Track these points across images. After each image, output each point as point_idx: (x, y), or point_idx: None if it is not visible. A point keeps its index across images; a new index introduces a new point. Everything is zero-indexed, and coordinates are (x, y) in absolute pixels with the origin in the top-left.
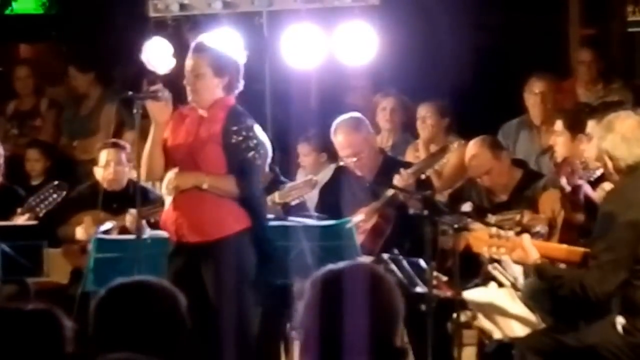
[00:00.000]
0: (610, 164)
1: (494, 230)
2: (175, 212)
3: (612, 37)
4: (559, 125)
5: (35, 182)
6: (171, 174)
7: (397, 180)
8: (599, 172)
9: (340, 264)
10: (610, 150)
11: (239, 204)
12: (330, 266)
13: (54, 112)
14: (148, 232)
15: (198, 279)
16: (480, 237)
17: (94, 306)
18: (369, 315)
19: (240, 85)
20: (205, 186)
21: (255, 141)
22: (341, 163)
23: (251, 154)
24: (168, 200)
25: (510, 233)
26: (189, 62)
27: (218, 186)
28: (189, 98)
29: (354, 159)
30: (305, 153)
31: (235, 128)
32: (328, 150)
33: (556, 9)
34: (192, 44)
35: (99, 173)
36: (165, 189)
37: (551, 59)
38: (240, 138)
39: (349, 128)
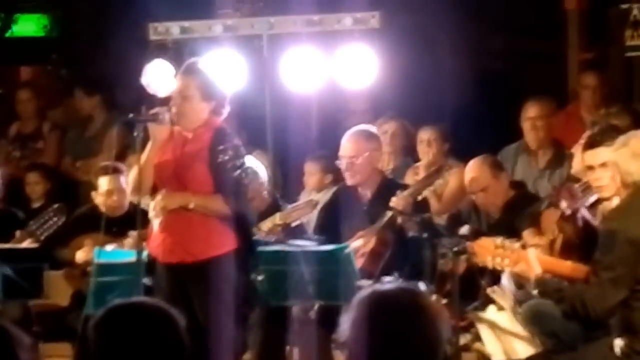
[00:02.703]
0: (618, 178)
1: (499, 240)
2: (163, 234)
3: (611, 62)
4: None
5: (35, 205)
6: (159, 196)
7: (394, 202)
8: (593, 198)
9: (388, 286)
10: (619, 163)
11: (226, 224)
12: (377, 286)
13: (56, 135)
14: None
15: (187, 300)
16: (485, 246)
17: (92, 326)
18: (411, 341)
19: (226, 112)
20: (192, 206)
21: (241, 160)
22: (338, 164)
23: (238, 172)
24: (155, 223)
25: (516, 245)
26: (177, 83)
27: (205, 205)
28: (175, 120)
29: (347, 162)
30: (311, 172)
31: (221, 147)
32: (334, 172)
33: (555, 33)
34: (183, 65)
35: (99, 199)
36: (152, 211)
37: (550, 83)
38: (227, 157)
39: (361, 135)
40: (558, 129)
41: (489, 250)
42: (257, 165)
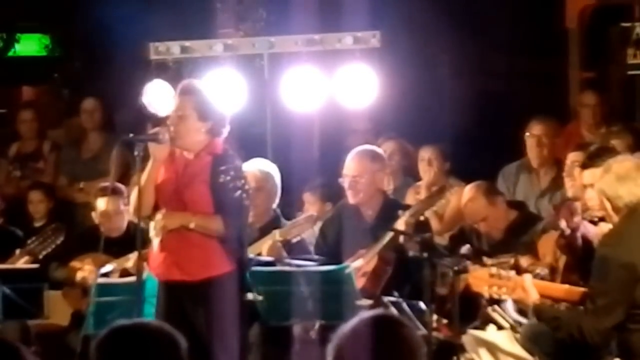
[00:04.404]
0: (608, 205)
1: (494, 270)
2: (163, 253)
3: (612, 80)
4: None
5: (38, 224)
6: (159, 215)
7: (398, 223)
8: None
9: (366, 314)
10: (605, 190)
11: (226, 245)
12: (360, 315)
13: (56, 155)
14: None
15: (186, 319)
16: (480, 277)
17: (94, 347)
18: None
19: (225, 132)
20: (192, 225)
21: (242, 181)
22: (341, 181)
23: (238, 193)
24: (155, 242)
25: (512, 273)
26: (174, 103)
27: (205, 225)
28: (172, 139)
29: (350, 180)
30: (310, 202)
31: (223, 168)
32: (333, 200)
33: (556, 52)
34: (180, 85)
35: (98, 220)
36: (152, 230)
37: (551, 102)
38: (228, 178)
39: (366, 155)
40: (559, 147)
41: (485, 280)
42: (272, 167)
